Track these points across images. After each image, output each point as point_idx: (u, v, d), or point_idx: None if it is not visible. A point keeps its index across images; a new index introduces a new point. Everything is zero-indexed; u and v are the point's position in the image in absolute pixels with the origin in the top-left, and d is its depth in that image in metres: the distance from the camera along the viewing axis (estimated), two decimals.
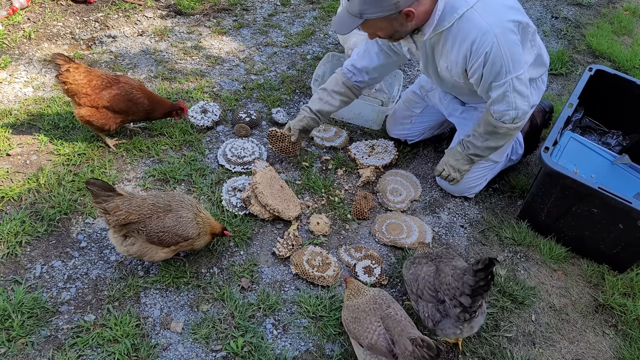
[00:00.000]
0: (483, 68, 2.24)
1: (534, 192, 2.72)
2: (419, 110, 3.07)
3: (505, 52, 2.18)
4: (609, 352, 2.37)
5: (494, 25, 2.15)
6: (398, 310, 1.94)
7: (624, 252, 2.58)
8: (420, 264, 2.18)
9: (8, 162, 2.75)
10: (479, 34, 2.16)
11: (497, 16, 2.17)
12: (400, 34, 2.29)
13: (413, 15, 2.15)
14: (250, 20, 4.21)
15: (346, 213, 2.80)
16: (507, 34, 2.18)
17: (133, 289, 2.30)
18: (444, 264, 2.11)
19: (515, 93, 2.29)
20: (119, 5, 4.06)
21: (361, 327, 1.94)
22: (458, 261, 2.14)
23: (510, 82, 2.26)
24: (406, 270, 2.24)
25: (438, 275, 2.06)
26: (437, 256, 2.20)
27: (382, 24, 2.21)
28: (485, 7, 2.17)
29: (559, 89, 3.98)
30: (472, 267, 1.89)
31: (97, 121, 2.73)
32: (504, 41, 2.17)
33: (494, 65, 2.21)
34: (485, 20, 2.16)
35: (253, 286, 2.39)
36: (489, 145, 2.56)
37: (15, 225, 2.43)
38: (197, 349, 2.14)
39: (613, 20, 4.88)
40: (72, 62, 2.63)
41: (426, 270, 2.12)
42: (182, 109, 2.95)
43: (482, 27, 2.16)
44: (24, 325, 2.11)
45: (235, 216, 2.64)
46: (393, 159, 3.10)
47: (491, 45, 2.16)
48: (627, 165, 2.84)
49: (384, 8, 2.11)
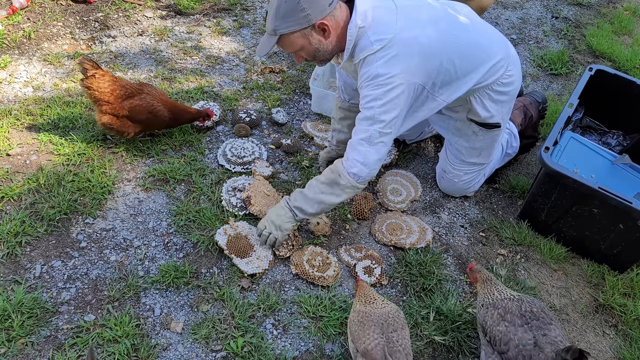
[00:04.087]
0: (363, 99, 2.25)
1: (534, 192, 2.72)
2: None
3: (384, 103, 2.18)
4: (609, 352, 2.37)
5: (384, 76, 2.16)
6: (401, 339, 1.91)
7: (624, 252, 2.57)
8: (514, 325, 1.93)
9: (8, 162, 2.75)
10: (372, 81, 2.18)
11: (389, 69, 2.15)
12: (323, 53, 2.23)
13: (328, 30, 2.12)
14: (250, 20, 4.20)
15: (346, 213, 2.80)
16: (388, 90, 2.17)
17: (133, 289, 2.30)
18: (543, 336, 1.89)
19: (367, 145, 2.25)
20: (119, 5, 4.06)
21: (362, 332, 1.92)
22: (555, 330, 1.93)
23: (374, 133, 2.23)
24: (492, 322, 1.99)
25: (538, 353, 1.84)
26: (533, 317, 1.95)
27: (300, 41, 2.16)
28: (384, 58, 2.15)
29: (559, 89, 3.98)
30: (562, 355, 1.75)
31: (118, 128, 2.79)
32: (385, 94, 2.17)
33: (368, 111, 2.21)
34: (377, 70, 2.16)
35: (253, 286, 2.39)
36: (320, 199, 2.33)
37: (15, 225, 2.43)
38: (197, 349, 2.14)
39: (613, 20, 4.88)
40: (99, 69, 2.67)
41: (521, 337, 1.89)
42: (208, 115, 3.01)
43: (373, 74, 2.17)
44: (23, 325, 2.11)
45: (235, 216, 2.64)
46: (393, 159, 3.10)
47: (374, 94, 2.17)
48: (627, 165, 2.84)
49: (295, 22, 2.08)
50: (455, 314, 2.34)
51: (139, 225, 2.58)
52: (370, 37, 2.16)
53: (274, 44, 2.18)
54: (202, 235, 2.54)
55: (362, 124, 2.25)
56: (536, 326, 1.92)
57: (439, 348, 2.25)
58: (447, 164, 2.85)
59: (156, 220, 2.61)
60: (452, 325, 2.30)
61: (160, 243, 2.51)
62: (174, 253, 2.48)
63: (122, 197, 2.69)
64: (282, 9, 2.07)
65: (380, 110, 2.19)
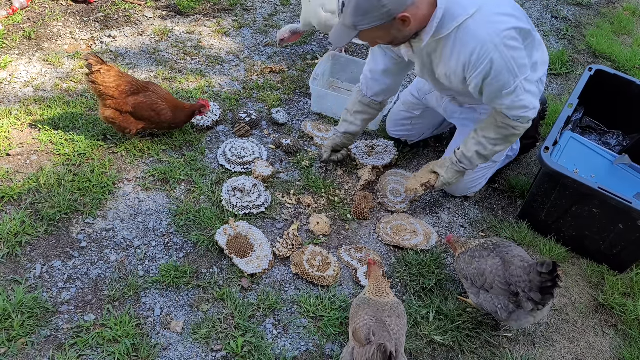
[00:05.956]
0: (485, 80, 2.22)
1: (534, 192, 2.72)
2: (419, 112, 3.07)
3: (508, 60, 2.16)
4: (609, 352, 2.38)
5: (493, 35, 2.13)
6: (393, 325, 1.95)
7: (624, 252, 2.58)
8: (483, 257, 2.20)
9: (8, 162, 2.75)
10: (477, 45, 2.14)
11: (496, 26, 2.15)
12: (400, 39, 2.26)
13: (409, 20, 2.11)
14: (250, 20, 4.21)
15: (346, 213, 2.80)
16: (507, 41, 2.16)
17: (133, 289, 2.30)
18: (507, 254, 2.15)
19: (527, 94, 2.29)
20: (119, 5, 4.06)
21: (356, 314, 1.99)
22: (516, 249, 2.19)
23: (520, 85, 2.24)
24: (466, 265, 2.25)
25: (508, 268, 2.09)
26: (495, 246, 2.23)
27: (379, 33, 2.18)
28: (484, 16, 2.14)
29: (559, 89, 3.98)
30: (537, 269, 1.95)
31: (120, 124, 2.80)
32: (505, 50, 2.15)
33: (500, 75, 2.19)
34: (485, 30, 2.14)
35: (253, 286, 2.39)
36: (495, 150, 2.54)
37: (15, 225, 2.43)
38: (197, 349, 2.14)
39: (613, 20, 4.88)
40: (105, 65, 2.69)
41: (492, 263, 2.15)
42: (203, 106, 2.99)
43: (480, 38, 2.13)
44: (24, 325, 2.11)
45: (235, 216, 2.64)
46: (393, 159, 3.10)
47: (491, 58, 2.14)
48: (627, 165, 2.84)
49: (376, 18, 2.08)
50: (455, 314, 2.34)
51: (139, 225, 2.58)
52: (461, 3, 2.15)
53: (353, 37, 2.19)
54: (202, 235, 2.54)
55: (507, 85, 2.25)
56: (499, 251, 2.20)
57: (439, 348, 2.25)
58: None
59: (156, 220, 2.61)
60: (452, 325, 2.30)
61: (160, 243, 2.52)
62: (174, 253, 2.48)
63: (122, 197, 2.69)
64: (363, 5, 2.05)
65: (513, 63, 2.20)
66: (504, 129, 2.43)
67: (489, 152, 2.53)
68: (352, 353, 1.88)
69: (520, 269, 2.05)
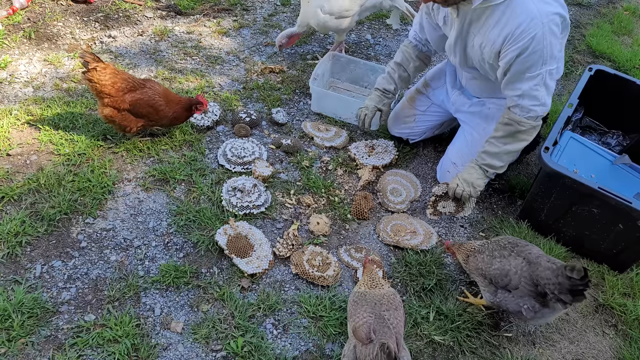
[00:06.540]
0: (518, 57, 2.22)
1: (534, 192, 2.72)
2: (424, 108, 3.07)
3: (546, 44, 2.17)
4: (609, 352, 2.37)
5: (543, 14, 2.14)
6: (392, 318, 1.95)
7: (624, 252, 2.58)
8: (504, 257, 2.16)
9: (8, 162, 2.75)
10: (527, 18, 2.15)
11: (547, 7, 2.17)
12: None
13: None
14: (250, 20, 4.21)
15: (346, 213, 2.80)
16: (552, 25, 2.17)
17: (133, 289, 2.30)
18: (530, 254, 2.13)
19: (544, 87, 2.29)
20: (119, 5, 4.06)
21: (355, 311, 1.99)
22: (534, 248, 2.18)
23: (543, 74, 2.25)
24: (486, 266, 2.20)
25: (535, 269, 2.07)
26: (512, 245, 2.20)
27: None
28: None
29: (559, 89, 3.98)
30: (567, 273, 1.95)
31: (119, 122, 2.79)
32: (548, 32, 2.16)
33: (533, 55, 2.19)
34: (537, 7, 2.15)
35: (253, 286, 2.39)
36: (507, 150, 2.55)
37: (15, 225, 2.43)
38: (197, 349, 2.14)
39: (613, 20, 4.88)
40: (101, 62, 2.68)
41: (515, 263, 2.12)
42: (200, 102, 2.96)
43: (532, 13, 2.15)
44: (24, 325, 2.11)
45: (235, 216, 2.64)
46: (393, 159, 3.10)
47: (534, 35, 2.15)
48: (627, 165, 2.84)
49: None
50: (455, 314, 2.34)
51: (139, 225, 2.58)
52: None
53: None
54: (202, 235, 2.54)
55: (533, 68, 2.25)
56: (519, 250, 2.16)
57: (439, 348, 2.25)
58: (461, 155, 2.85)
59: (156, 220, 2.61)
60: (452, 325, 2.30)
61: (160, 243, 2.52)
62: (174, 253, 2.48)
63: (122, 197, 2.69)
64: None
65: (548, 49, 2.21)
66: (510, 125, 2.44)
67: (498, 151, 2.57)
68: (354, 350, 1.88)
69: (548, 271, 2.03)
